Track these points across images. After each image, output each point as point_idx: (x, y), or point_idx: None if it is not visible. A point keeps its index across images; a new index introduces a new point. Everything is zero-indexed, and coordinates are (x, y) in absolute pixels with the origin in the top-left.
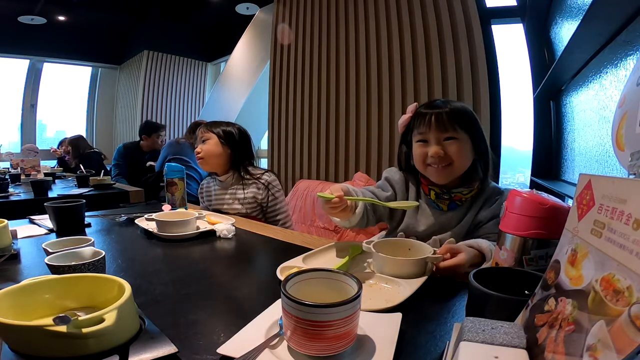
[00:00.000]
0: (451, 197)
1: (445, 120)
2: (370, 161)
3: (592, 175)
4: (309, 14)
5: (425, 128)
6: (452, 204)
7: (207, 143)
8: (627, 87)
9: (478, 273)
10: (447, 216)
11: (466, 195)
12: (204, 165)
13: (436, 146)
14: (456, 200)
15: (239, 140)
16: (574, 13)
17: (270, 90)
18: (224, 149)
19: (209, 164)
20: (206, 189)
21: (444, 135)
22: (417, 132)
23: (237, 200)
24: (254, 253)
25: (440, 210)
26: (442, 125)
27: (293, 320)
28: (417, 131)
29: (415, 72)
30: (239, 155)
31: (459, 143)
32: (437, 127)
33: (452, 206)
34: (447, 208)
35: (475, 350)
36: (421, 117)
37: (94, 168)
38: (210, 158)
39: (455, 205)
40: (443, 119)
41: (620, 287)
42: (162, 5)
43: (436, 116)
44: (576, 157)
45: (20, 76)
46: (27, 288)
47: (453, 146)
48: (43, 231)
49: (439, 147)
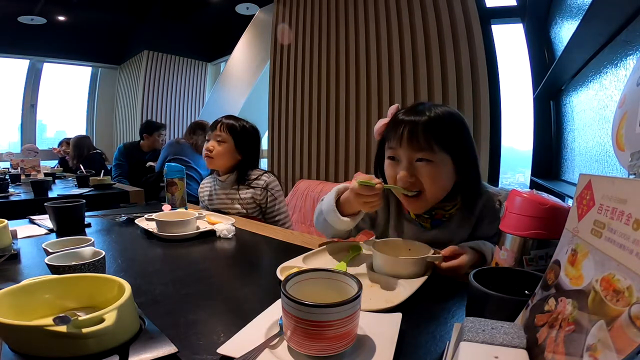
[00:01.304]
0: (432, 216)
1: (419, 136)
2: (370, 161)
3: (592, 175)
4: (309, 14)
5: (395, 143)
6: (435, 221)
7: (222, 146)
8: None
9: (478, 273)
10: (431, 234)
11: (449, 211)
12: (209, 163)
13: (404, 171)
14: (438, 218)
15: (252, 147)
16: (574, 13)
17: (270, 90)
18: (236, 154)
19: (215, 164)
20: (207, 189)
21: (416, 155)
22: (387, 146)
23: (236, 201)
24: (254, 253)
25: (423, 228)
26: (416, 141)
27: (293, 320)
28: (388, 145)
29: (415, 72)
30: (248, 161)
31: (433, 167)
32: (409, 144)
33: (435, 223)
34: (431, 226)
35: (475, 350)
36: (395, 127)
37: (95, 168)
38: (220, 160)
39: (439, 222)
40: (417, 134)
41: (620, 287)
42: (162, 5)
43: (410, 129)
44: (576, 157)
45: (20, 76)
46: (27, 288)
47: (425, 169)
48: (43, 231)
49: (407, 172)
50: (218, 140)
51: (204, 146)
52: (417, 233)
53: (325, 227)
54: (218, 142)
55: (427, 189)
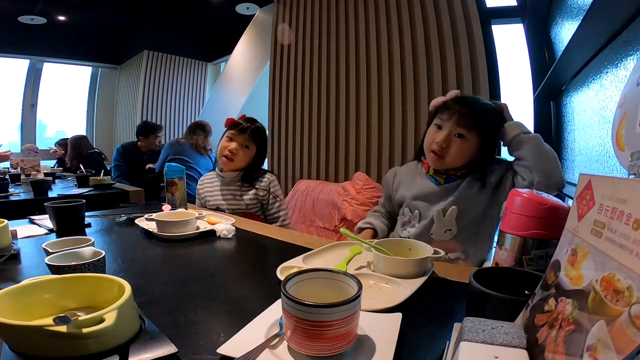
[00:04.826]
0: (446, 172)
1: (464, 117)
2: (370, 161)
3: (592, 175)
4: (309, 14)
5: (446, 116)
6: (448, 178)
7: (246, 152)
8: (627, 87)
9: (478, 273)
10: (443, 188)
11: (460, 171)
12: (227, 164)
13: (443, 136)
14: (451, 175)
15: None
16: (574, 13)
17: (270, 90)
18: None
19: (233, 166)
20: (206, 185)
21: (457, 130)
22: (438, 116)
23: (240, 199)
24: (254, 253)
25: (437, 183)
26: (461, 120)
27: (293, 320)
28: (439, 116)
29: (415, 72)
30: (258, 163)
31: (466, 143)
32: (455, 120)
33: (448, 180)
34: (444, 182)
35: (475, 350)
36: (451, 105)
37: (94, 168)
38: (240, 163)
39: (451, 180)
40: (466, 115)
41: (620, 287)
42: (162, 5)
43: (460, 111)
44: (576, 157)
45: (20, 76)
46: (27, 288)
47: (458, 144)
48: (43, 231)
49: (445, 138)
50: (244, 145)
51: (223, 145)
52: (431, 186)
53: None
54: (242, 147)
55: (449, 157)
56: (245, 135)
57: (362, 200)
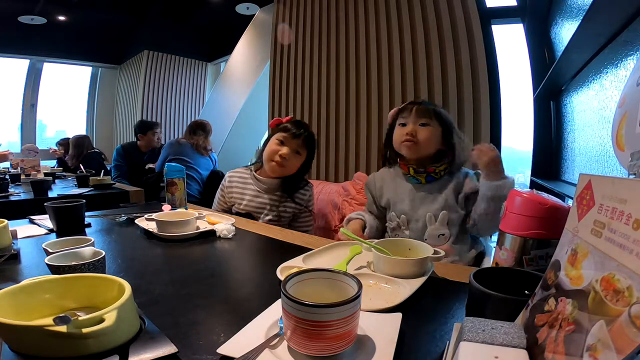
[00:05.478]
0: (426, 170)
1: (423, 110)
2: (370, 161)
3: (592, 175)
4: (309, 14)
5: (407, 114)
6: (428, 176)
7: (297, 158)
8: (627, 87)
9: (478, 273)
10: (426, 187)
11: (439, 168)
12: (276, 169)
13: (412, 126)
14: (430, 172)
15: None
16: (574, 13)
17: (270, 90)
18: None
19: (283, 172)
20: (237, 184)
21: (420, 121)
22: (400, 117)
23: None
24: (254, 253)
25: (419, 183)
26: (421, 113)
27: (293, 320)
28: (401, 116)
29: (415, 72)
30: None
31: (431, 129)
32: (416, 114)
33: (429, 179)
34: (425, 181)
35: (475, 350)
36: (406, 107)
37: (94, 168)
38: (290, 170)
39: (432, 178)
40: (422, 109)
41: (620, 287)
42: (162, 5)
43: (418, 107)
44: (576, 157)
45: (20, 76)
46: (27, 288)
47: (425, 130)
48: (43, 231)
49: (413, 127)
50: (296, 151)
51: (273, 149)
52: (414, 187)
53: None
54: (294, 153)
55: (422, 142)
56: (299, 141)
57: (362, 200)
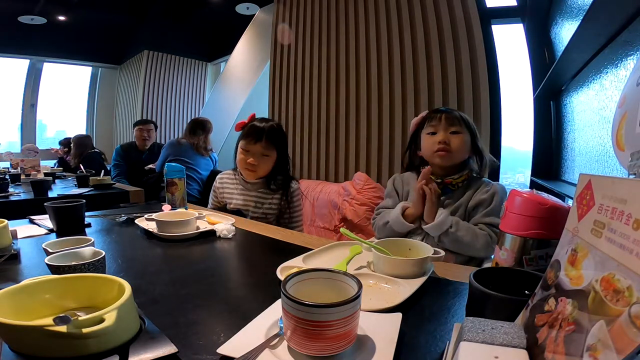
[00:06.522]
0: (444, 182)
1: (453, 118)
2: (370, 161)
3: (592, 175)
4: (309, 14)
5: (436, 122)
6: (445, 188)
7: (266, 160)
8: (627, 87)
9: (478, 273)
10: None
11: (457, 180)
12: (249, 175)
13: (444, 134)
14: (448, 184)
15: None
16: (574, 13)
17: (270, 90)
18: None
19: (254, 176)
20: (227, 185)
21: (451, 129)
22: (428, 126)
23: (259, 205)
24: (254, 253)
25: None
26: (450, 121)
27: (293, 320)
28: (429, 124)
29: (415, 72)
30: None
31: (462, 137)
32: (446, 122)
33: (445, 191)
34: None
35: (475, 350)
36: (433, 115)
37: (94, 168)
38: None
39: (448, 190)
40: (451, 117)
41: (620, 287)
42: (162, 5)
43: (446, 114)
44: (576, 157)
45: (20, 76)
46: (27, 288)
47: (457, 138)
48: (43, 231)
49: (444, 136)
50: (262, 154)
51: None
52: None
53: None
54: (261, 157)
55: (455, 149)
56: (262, 143)
57: (362, 200)
